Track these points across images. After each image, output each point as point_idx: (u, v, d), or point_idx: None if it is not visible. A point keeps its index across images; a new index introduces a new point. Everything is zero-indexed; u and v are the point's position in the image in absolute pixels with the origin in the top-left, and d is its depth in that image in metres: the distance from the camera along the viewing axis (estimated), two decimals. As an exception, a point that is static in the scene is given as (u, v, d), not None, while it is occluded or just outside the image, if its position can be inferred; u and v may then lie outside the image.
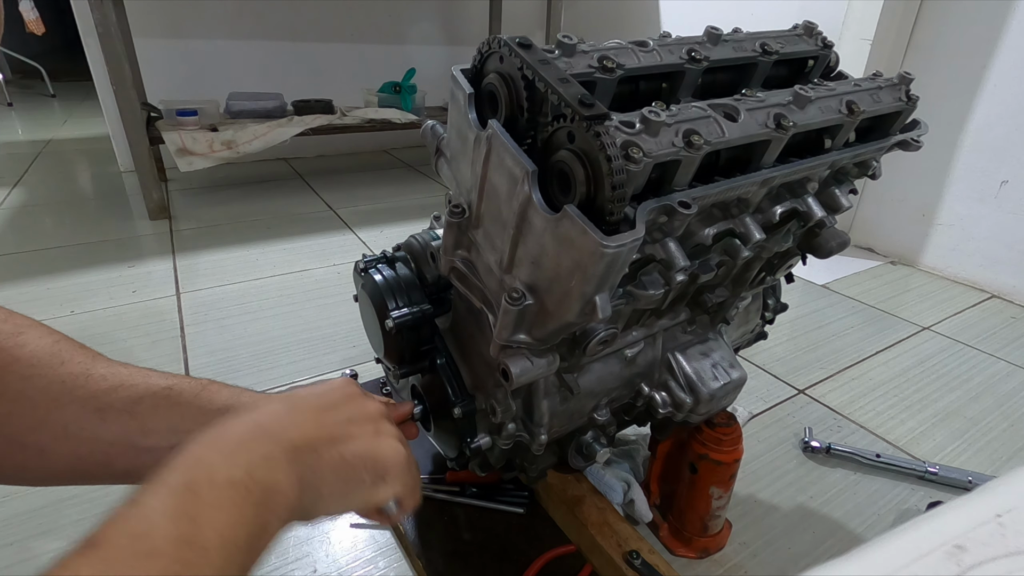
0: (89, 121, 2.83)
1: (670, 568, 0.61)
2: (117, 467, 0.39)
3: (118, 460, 0.39)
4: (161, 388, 0.41)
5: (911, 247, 1.57)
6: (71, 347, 0.40)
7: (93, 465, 0.39)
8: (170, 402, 0.41)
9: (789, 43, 0.55)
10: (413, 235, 0.63)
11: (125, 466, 0.39)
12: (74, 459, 0.38)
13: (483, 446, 0.59)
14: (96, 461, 0.39)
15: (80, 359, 0.39)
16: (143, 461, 0.39)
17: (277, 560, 0.67)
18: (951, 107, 1.42)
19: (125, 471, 0.40)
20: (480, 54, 0.44)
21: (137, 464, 0.39)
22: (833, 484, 0.82)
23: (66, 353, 0.39)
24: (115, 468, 0.39)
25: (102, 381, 0.39)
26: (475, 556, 0.66)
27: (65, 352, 0.39)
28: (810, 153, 0.50)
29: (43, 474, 0.39)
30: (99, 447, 0.38)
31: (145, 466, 0.37)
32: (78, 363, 0.39)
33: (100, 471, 0.39)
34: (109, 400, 0.38)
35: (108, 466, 0.39)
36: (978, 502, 0.25)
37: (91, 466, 0.39)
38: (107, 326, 1.11)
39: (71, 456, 0.38)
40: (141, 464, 0.39)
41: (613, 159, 0.35)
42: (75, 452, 0.38)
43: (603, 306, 0.39)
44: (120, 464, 0.39)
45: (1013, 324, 1.29)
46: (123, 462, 0.39)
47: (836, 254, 0.54)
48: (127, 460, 0.39)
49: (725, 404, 0.64)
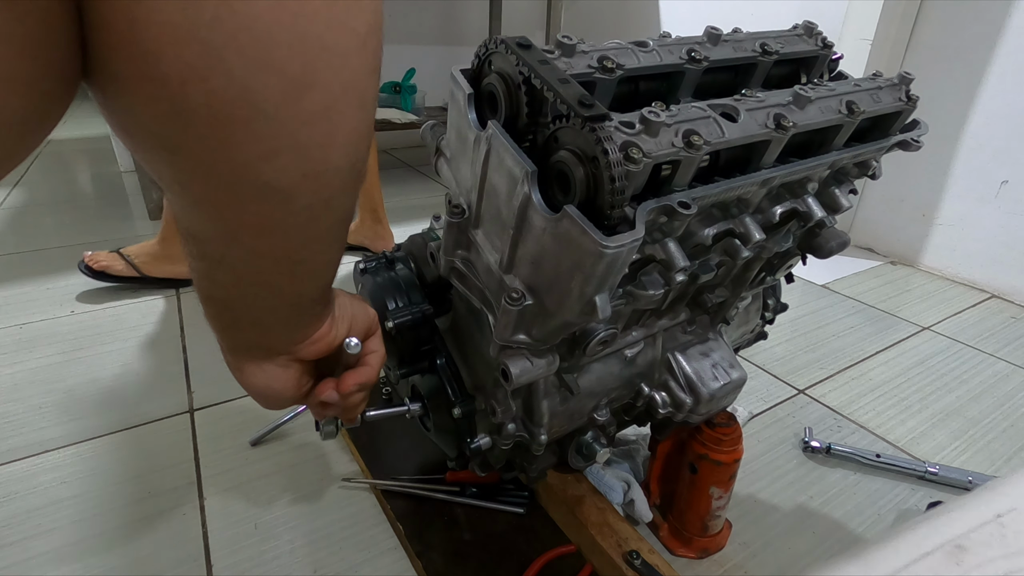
0: (89, 121, 2.83)
1: (670, 568, 0.61)
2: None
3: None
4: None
5: (911, 247, 1.57)
6: None
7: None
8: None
9: (789, 43, 0.55)
10: (413, 235, 0.63)
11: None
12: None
13: (483, 446, 0.59)
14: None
15: None
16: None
17: (277, 560, 0.67)
18: (951, 107, 1.42)
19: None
20: (480, 54, 0.44)
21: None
22: (833, 484, 0.82)
23: None
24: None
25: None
26: (475, 556, 0.66)
27: None
28: (810, 153, 0.50)
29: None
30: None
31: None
32: None
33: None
34: None
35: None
36: (978, 502, 0.25)
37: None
38: (107, 326, 1.11)
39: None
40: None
41: (613, 160, 0.35)
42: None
43: (603, 306, 0.39)
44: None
45: (1013, 324, 1.29)
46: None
47: (836, 254, 0.54)
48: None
49: (725, 404, 0.64)
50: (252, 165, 0.25)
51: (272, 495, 0.76)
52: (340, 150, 0.27)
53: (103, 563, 0.67)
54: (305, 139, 0.24)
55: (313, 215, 0.29)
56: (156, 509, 0.74)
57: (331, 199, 0.29)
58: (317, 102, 0.24)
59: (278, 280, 0.33)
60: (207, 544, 0.69)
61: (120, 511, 0.73)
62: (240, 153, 0.24)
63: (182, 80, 0.21)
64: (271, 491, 0.77)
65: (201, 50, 0.20)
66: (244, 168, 0.25)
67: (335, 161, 0.27)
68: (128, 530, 0.71)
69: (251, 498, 0.76)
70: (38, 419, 0.87)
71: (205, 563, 0.67)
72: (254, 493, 0.76)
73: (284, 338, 0.39)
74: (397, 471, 0.77)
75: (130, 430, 0.86)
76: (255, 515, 0.73)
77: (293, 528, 0.72)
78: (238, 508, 0.74)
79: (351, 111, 0.26)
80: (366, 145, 0.29)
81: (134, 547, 0.69)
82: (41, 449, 0.82)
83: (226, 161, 0.24)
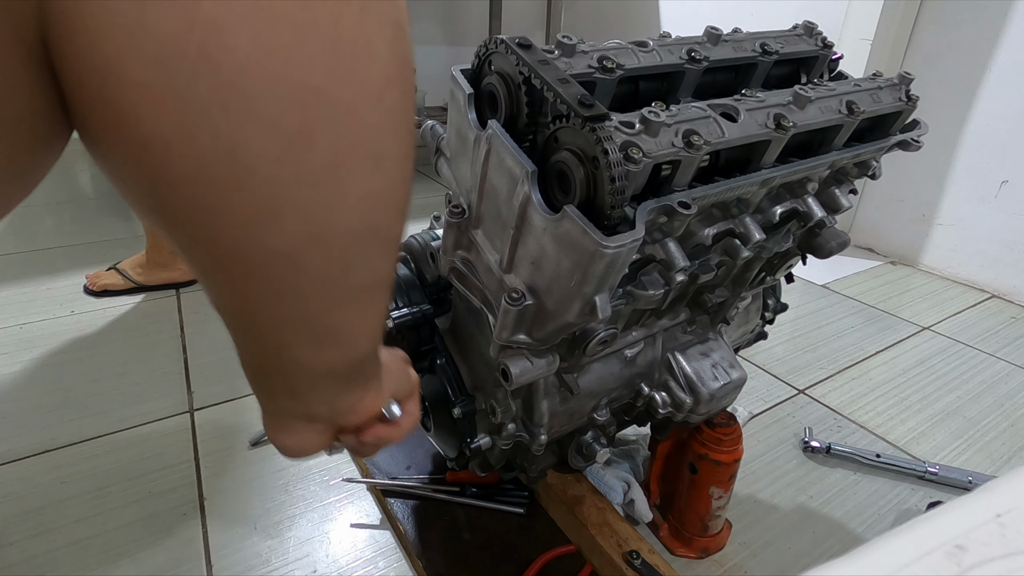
0: (89, 121, 2.82)
1: (670, 568, 0.61)
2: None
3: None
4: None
5: (911, 247, 1.57)
6: None
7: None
8: None
9: (789, 43, 0.55)
10: (413, 235, 0.63)
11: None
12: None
13: (483, 446, 0.59)
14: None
15: None
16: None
17: (277, 560, 0.67)
18: (951, 107, 1.42)
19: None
20: (480, 54, 0.44)
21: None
22: (833, 484, 0.82)
23: None
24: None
25: None
26: (475, 556, 0.66)
27: None
28: (810, 153, 0.50)
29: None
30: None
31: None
32: None
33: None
34: None
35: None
36: (978, 502, 0.25)
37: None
38: (107, 326, 1.11)
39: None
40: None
41: (613, 160, 0.35)
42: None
43: (603, 306, 0.39)
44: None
45: (1013, 324, 1.29)
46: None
47: (836, 254, 0.54)
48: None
49: (725, 404, 0.64)
50: (251, 228, 0.22)
51: (272, 495, 0.76)
52: (351, 212, 0.24)
53: (103, 563, 0.67)
54: (307, 201, 0.22)
55: (330, 281, 0.26)
56: (156, 509, 0.73)
57: (350, 264, 0.26)
58: (319, 160, 0.21)
59: (306, 352, 0.30)
60: (207, 544, 0.69)
61: (120, 511, 0.73)
62: (236, 216, 0.22)
63: (164, 143, 0.19)
64: (271, 491, 0.77)
65: (182, 109, 0.18)
66: (243, 231, 0.23)
67: (346, 224, 0.24)
68: (128, 530, 0.71)
69: (251, 498, 0.76)
70: (38, 419, 0.87)
71: (205, 563, 0.67)
72: (254, 493, 0.76)
73: (324, 409, 0.36)
74: (397, 471, 0.77)
75: (130, 430, 0.86)
76: (255, 515, 0.73)
77: (293, 528, 0.72)
78: (238, 508, 0.74)
79: (363, 171, 0.23)
80: (391, 206, 0.25)
81: (134, 547, 0.69)
82: (41, 449, 0.82)
83: (223, 225, 0.22)
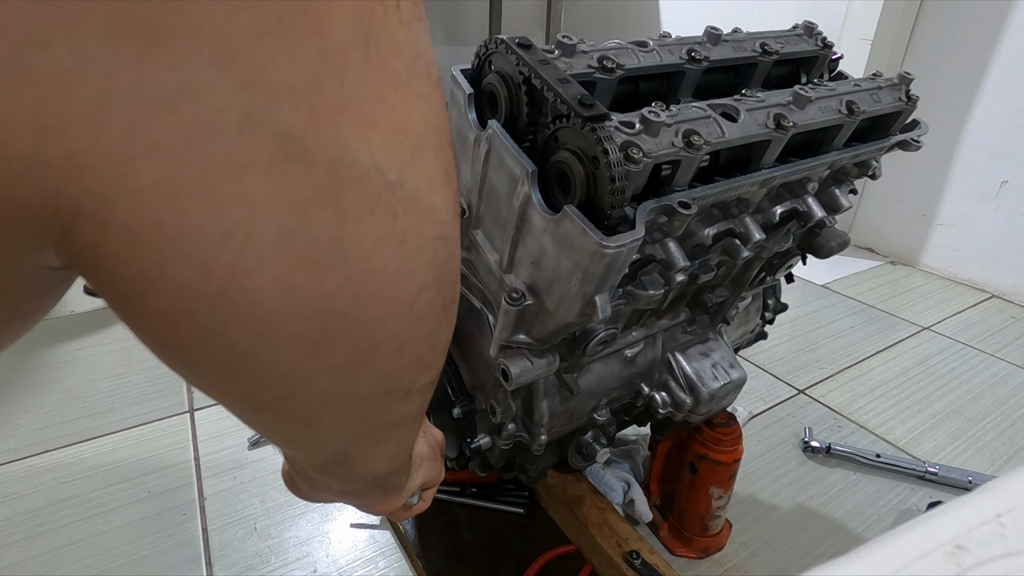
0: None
1: (670, 568, 0.61)
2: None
3: None
4: None
5: (911, 247, 1.57)
6: None
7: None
8: None
9: (789, 43, 0.55)
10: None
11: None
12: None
13: (483, 446, 0.59)
14: None
15: None
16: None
17: (277, 560, 0.67)
18: (951, 107, 1.42)
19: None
20: (480, 54, 0.44)
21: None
22: (833, 484, 0.82)
23: None
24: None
25: None
26: (475, 556, 0.66)
27: None
28: (810, 153, 0.50)
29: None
30: None
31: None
32: None
33: None
34: None
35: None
36: (978, 502, 0.25)
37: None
38: (107, 326, 1.11)
39: None
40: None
41: (613, 160, 0.35)
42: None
43: (603, 306, 0.39)
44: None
45: (1013, 324, 1.29)
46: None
47: (836, 254, 0.54)
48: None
49: (725, 404, 0.64)
50: (264, 407, 0.24)
51: (272, 495, 0.76)
52: (369, 385, 0.24)
53: (103, 563, 0.67)
54: (324, 389, 0.23)
55: (344, 429, 0.27)
56: (156, 509, 0.74)
57: (364, 414, 0.27)
58: (340, 360, 0.22)
59: (325, 477, 0.34)
60: (207, 544, 0.69)
61: (120, 511, 0.73)
62: (253, 396, 0.23)
63: (182, 348, 0.20)
64: (271, 491, 0.77)
65: (200, 331, 0.19)
66: (257, 409, 0.24)
67: (365, 392, 0.25)
68: (128, 530, 0.71)
69: (251, 498, 0.76)
70: (39, 419, 0.87)
71: (205, 563, 0.67)
72: (254, 493, 0.76)
73: (359, 504, 0.44)
74: (397, 471, 0.77)
75: (130, 430, 0.86)
76: (255, 515, 0.73)
77: (293, 528, 0.72)
78: (238, 508, 0.74)
79: (385, 361, 0.23)
80: (417, 369, 0.25)
81: (134, 547, 0.69)
82: (41, 449, 0.82)
83: (239, 400, 0.24)
